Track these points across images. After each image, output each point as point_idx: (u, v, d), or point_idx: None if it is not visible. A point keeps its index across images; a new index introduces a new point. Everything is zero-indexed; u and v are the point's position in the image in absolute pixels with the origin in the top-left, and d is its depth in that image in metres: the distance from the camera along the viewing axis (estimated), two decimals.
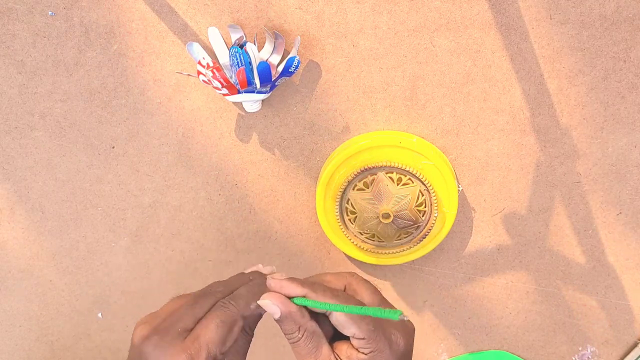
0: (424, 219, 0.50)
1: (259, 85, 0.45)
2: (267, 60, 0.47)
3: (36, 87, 0.49)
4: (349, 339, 0.33)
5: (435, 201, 0.49)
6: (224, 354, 0.32)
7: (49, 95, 0.49)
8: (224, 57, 0.47)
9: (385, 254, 0.52)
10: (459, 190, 0.52)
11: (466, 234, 0.55)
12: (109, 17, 0.47)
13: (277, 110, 0.50)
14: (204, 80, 0.45)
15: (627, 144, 0.51)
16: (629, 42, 0.47)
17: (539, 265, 0.56)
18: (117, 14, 0.47)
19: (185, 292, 0.36)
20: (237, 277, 0.37)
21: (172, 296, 0.36)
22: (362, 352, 0.32)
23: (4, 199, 0.53)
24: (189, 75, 0.48)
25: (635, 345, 0.59)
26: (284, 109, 0.50)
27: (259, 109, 0.48)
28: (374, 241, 0.52)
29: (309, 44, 0.48)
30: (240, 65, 0.45)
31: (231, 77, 0.47)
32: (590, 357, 0.60)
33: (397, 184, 0.49)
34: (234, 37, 0.47)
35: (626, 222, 0.54)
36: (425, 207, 0.50)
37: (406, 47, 0.48)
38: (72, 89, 0.49)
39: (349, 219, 0.51)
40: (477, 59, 0.48)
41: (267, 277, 0.34)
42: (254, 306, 0.33)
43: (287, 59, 0.45)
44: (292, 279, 0.34)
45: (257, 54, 0.45)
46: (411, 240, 0.52)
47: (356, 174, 0.49)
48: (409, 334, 0.34)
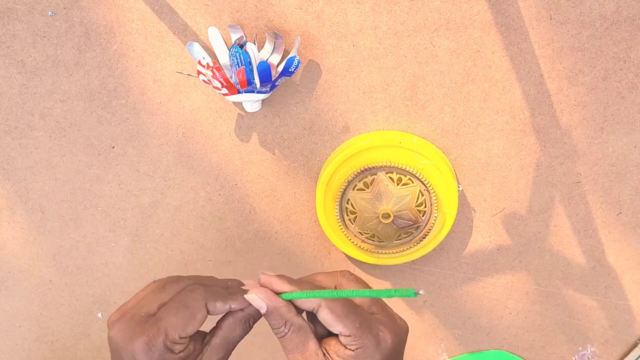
0: (424, 219, 0.50)
1: (259, 85, 0.45)
2: (267, 60, 0.47)
3: (36, 87, 0.49)
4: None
5: (435, 201, 0.49)
6: (186, 337, 0.32)
7: (49, 95, 0.49)
8: (224, 57, 0.47)
9: (385, 254, 0.52)
10: (459, 190, 0.52)
11: (466, 234, 0.55)
12: (109, 17, 0.47)
13: (277, 110, 0.50)
14: (204, 80, 0.45)
15: (627, 144, 0.51)
16: (629, 42, 0.47)
17: (539, 265, 0.56)
18: (117, 14, 0.47)
19: None
20: (212, 277, 0.37)
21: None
22: (349, 349, 0.33)
23: (4, 199, 0.53)
24: (189, 75, 0.48)
25: (635, 345, 0.59)
26: (284, 109, 0.50)
27: (259, 109, 0.48)
28: (374, 241, 0.52)
29: (309, 44, 0.48)
30: (240, 65, 0.45)
31: (231, 77, 0.47)
32: (590, 357, 0.60)
33: (397, 184, 0.49)
34: (234, 37, 0.47)
35: (626, 222, 0.54)
36: (425, 207, 0.50)
37: (406, 47, 0.48)
38: (72, 89, 0.49)
39: (349, 219, 0.51)
40: (477, 59, 0.48)
41: (260, 273, 0.35)
42: (220, 304, 0.34)
43: (287, 59, 0.45)
44: (281, 276, 0.35)
45: (257, 54, 0.45)
46: (411, 240, 0.52)
47: (356, 174, 0.49)
48: (398, 332, 0.34)
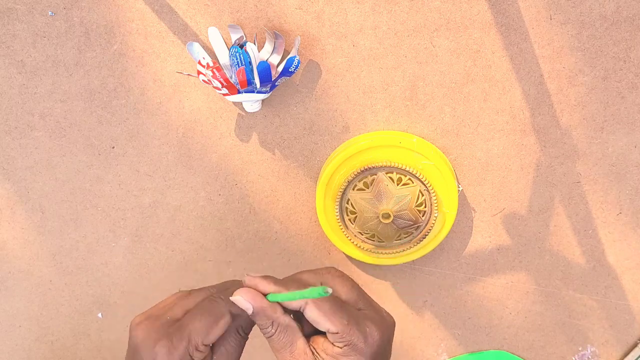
0: (424, 219, 0.50)
1: (259, 85, 0.45)
2: (267, 60, 0.47)
3: (36, 87, 0.49)
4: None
5: (435, 201, 0.49)
6: (208, 346, 0.34)
7: (49, 95, 0.49)
8: (224, 57, 0.47)
9: (385, 254, 0.52)
10: (459, 190, 0.52)
11: (466, 234, 0.55)
12: (109, 17, 0.47)
13: (277, 110, 0.50)
14: (204, 80, 0.45)
15: (627, 144, 0.51)
16: (629, 42, 0.47)
17: (539, 265, 0.56)
18: (117, 14, 0.47)
19: None
20: (233, 281, 0.38)
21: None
22: (337, 346, 0.33)
23: (4, 199, 0.53)
24: (189, 75, 0.48)
25: (635, 345, 0.59)
26: (284, 109, 0.50)
27: (259, 109, 0.48)
28: (374, 241, 0.52)
29: (309, 44, 0.48)
30: (240, 65, 0.45)
31: (231, 77, 0.47)
32: (590, 357, 0.60)
33: (397, 184, 0.49)
34: (234, 37, 0.47)
35: (626, 222, 0.54)
36: (425, 207, 0.50)
37: (406, 47, 0.48)
38: (72, 89, 0.49)
39: (349, 219, 0.51)
40: (477, 59, 0.48)
41: (244, 275, 0.36)
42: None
43: (287, 59, 0.45)
44: (266, 276, 0.35)
45: (257, 54, 0.45)
46: (411, 240, 0.52)
47: (356, 174, 0.49)
48: (385, 327, 0.34)
